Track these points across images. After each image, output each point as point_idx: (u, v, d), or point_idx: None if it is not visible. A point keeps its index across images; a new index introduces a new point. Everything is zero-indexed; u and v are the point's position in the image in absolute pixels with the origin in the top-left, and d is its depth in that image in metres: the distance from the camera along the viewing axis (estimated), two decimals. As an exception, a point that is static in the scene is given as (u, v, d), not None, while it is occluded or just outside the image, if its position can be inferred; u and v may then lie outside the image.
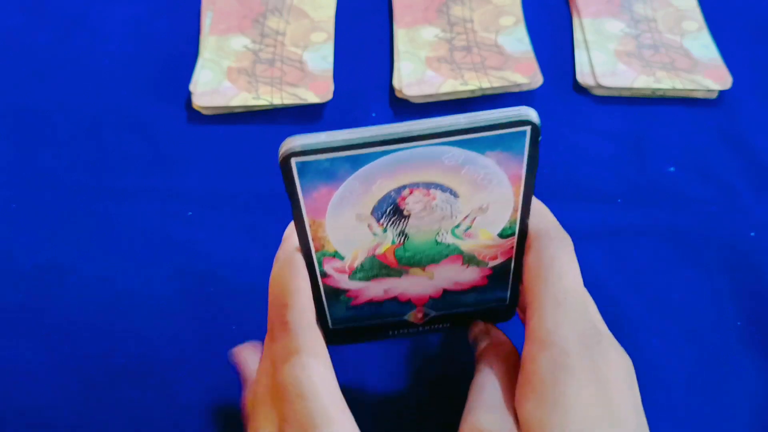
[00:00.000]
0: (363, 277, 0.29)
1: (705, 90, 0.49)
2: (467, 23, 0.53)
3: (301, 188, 0.25)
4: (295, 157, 0.24)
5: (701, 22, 0.53)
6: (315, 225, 0.26)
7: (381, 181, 0.25)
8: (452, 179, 0.26)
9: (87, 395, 0.36)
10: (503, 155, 0.25)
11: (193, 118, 0.48)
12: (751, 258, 0.41)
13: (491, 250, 0.29)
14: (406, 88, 0.48)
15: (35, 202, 0.44)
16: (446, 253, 0.29)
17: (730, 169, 0.46)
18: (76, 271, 0.41)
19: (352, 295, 0.30)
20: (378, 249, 0.28)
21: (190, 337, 0.38)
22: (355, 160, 0.24)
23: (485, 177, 0.26)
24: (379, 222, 0.27)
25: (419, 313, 0.31)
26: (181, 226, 0.43)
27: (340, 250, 0.27)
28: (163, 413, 0.36)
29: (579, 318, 0.26)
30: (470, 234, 0.28)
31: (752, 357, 0.38)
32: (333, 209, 0.26)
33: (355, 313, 0.31)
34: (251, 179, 0.45)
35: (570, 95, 0.50)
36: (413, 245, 0.28)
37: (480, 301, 0.32)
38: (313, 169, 0.24)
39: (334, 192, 0.25)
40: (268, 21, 0.53)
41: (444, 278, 0.30)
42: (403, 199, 0.26)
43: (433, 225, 0.27)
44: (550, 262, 0.27)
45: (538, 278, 0.27)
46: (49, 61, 0.51)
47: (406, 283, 0.30)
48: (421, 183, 0.26)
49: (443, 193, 0.26)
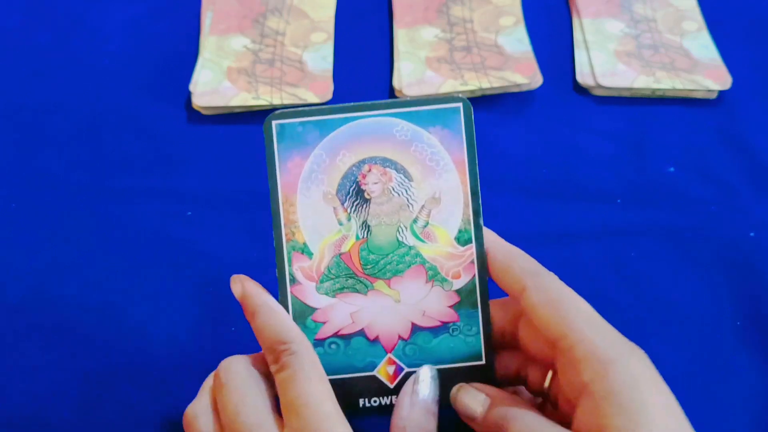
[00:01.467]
0: (330, 289, 0.30)
1: (705, 90, 0.49)
2: (467, 23, 0.53)
3: (278, 155, 0.30)
4: (275, 120, 0.29)
5: (701, 23, 0.53)
6: (287, 204, 0.30)
7: (344, 152, 0.30)
8: (404, 157, 0.30)
9: (87, 395, 0.36)
10: (444, 132, 0.30)
11: (193, 118, 0.48)
12: (751, 258, 0.41)
13: (453, 261, 0.30)
14: (406, 88, 0.48)
15: (35, 202, 0.44)
16: (408, 261, 0.30)
17: (730, 169, 0.46)
18: (76, 271, 0.41)
19: (319, 318, 0.30)
20: (343, 245, 0.30)
21: (190, 337, 0.38)
22: (323, 126, 0.29)
23: (432, 158, 0.30)
24: (344, 206, 0.30)
25: (390, 366, 0.30)
26: (181, 226, 0.43)
27: (309, 241, 0.30)
28: (163, 413, 0.36)
29: (616, 333, 0.27)
30: (429, 234, 0.30)
31: (751, 357, 0.38)
32: (303, 184, 0.30)
33: (323, 356, 0.30)
34: (251, 179, 0.45)
35: (570, 95, 0.50)
36: (376, 244, 0.30)
37: (454, 353, 0.30)
38: (289, 132, 0.29)
39: (304, 164, 0.30)
40: (268, 21, 0.53)
41: (411, 303, 0.30)
42: (363, 177, 0.30)
43: (392, 217, 0.30)
44: (558, 295, 0.28)
45: (559, 311, 0.27)
46: (49, 61, 0.51)
47: (373, 306, 0.30)
48: (377, 158, 0.30)
49: (398, 174, 0.30)
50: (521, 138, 0.47)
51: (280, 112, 0.30)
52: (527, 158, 0.46)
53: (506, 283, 0.29)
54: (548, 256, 0.38)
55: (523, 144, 0.47)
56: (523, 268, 0.29)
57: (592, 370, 0.26)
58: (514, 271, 0.29)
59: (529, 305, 0.28)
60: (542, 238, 0.42)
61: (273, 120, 0.29)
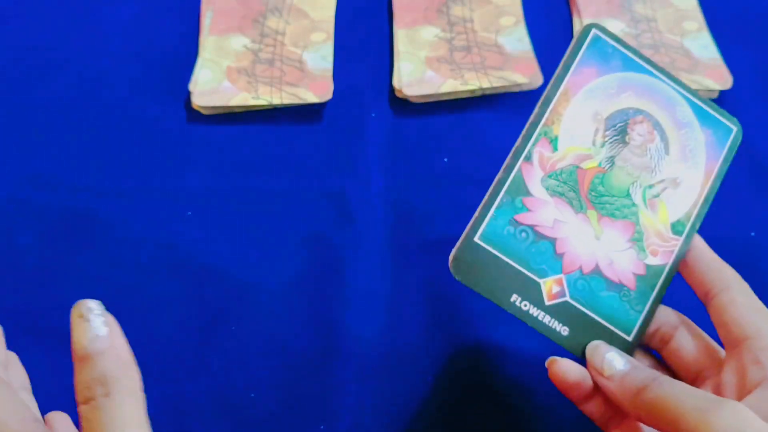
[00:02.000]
0: (552, 187, 0.31)
1: (705, 90, 0.49)
2: (467, 23, 0.53)
3: (581, 56, 0.32)
4: (595, 29, 0.32)
5: (701, 22, 0.53)
6: (564, 97, 0.32)
7: (629, 94, 0.32)
8: (673, 132, 0.32)
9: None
10: (712, 139, 0.33)
11: (193, 117, 0.48)
12: (751, 258, 0.41)
13: (657, 240, 0.32)
14: (406, 88, 0.48)
15: (35, 202, 0.44)
16: (626, 213, 0.32)
17: (731, 168, 0.46)
18: (76, 270, 0.41)
19: (528, 204, 0.31)
20: (585, 162, 0.32)
21: (189, 337, 0.38)
22: (628, 63, 0.32)
23: (692, 150, 0.32)
24: (605, 132, 0.32)
25: (556, 286, 0.31)
26: (180, 226, 0.43)
27: (561, 137, 0.31)
28: (162, 412, 0.36)
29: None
30: (654, 204, 0.32)
31: (752, 357, 0.38)
32: (586, 92, 0.32)
33: (509, 236, 0.31)
34: (251, 179, 0.45)
35: (570, 95, 0.50)
36: (609, 181, 0.32)
37: (612, 313, 0.31)
38: (600, 47, 0.32)
39: (597, 78, 0.32)
40: (268, 21, 0.53)
41: (607, 248, 0.31)
42: (633, 123, 0.32)
43: (636, 170, 0.32)
44: (757, 301, 0.30)
45: (760, 311, 0.29)
46: (49, 61, 0.51)
47: (575, 227, 0.31)
48: (654, 118, 0.32)
49: (661, 142, 0.32)
50: (521, 138, 0.47)
51: (602, 27, 0.32)
52: (527, 158, 0.46)
53: (710, 279, 0.31)
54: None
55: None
56: (732, 272, 0.31)
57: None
58: (725, 271, 0.31)
59: (728, 301, 0.29)
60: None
61: (594, 28, 0.32)
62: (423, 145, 0.47)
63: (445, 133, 0.48)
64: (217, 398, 0.37)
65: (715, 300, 0.30)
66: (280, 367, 0.38)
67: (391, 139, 0.47)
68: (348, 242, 0.42)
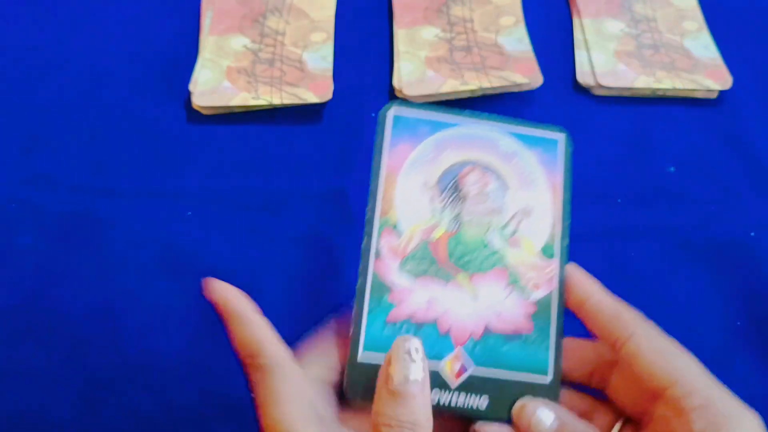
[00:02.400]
0: (413, 270, 0.30)
1: (705, 90, 0.49)
2: (467, 23, 0.53)
3: (389, 138, 0.31)
4: (394, 108, 0.32)
5: (701, 22, 0.53)
6: (389, 181, 0.31)
7: (449, 151, 0.32)
8: (504, 167, 0.32)
9: (86, 395, 0.36)
10: (544, 156, 0.32)
11: (193, 117, 0.48)
12: (751, 258, 0.41)
13: (534, 272, 0.31)
14: (406, 88, 0.48)
15: (35, 202, 0.44)
16: (492, 261, 0.31)
17: (730, 169, 0.46)
18: (76, 271, 0.41)
19: (395, 299, 0.30)
20: (433, 233, 0.31)
21: (189, 337, 0.38)
22: (434, 125, 0.32)
23: (530, 174, 0.32)
24: (441, 197, 0.31)
25: (456, 363, 0.30)
26: (180, 226, 0.43)
27: (401, 221, 0.31)
28: (162, 412, 0.36)
29: (729, 391, 0.27)
30: (516, 241, 0.31)
31: (752, 357, 0.38)
32: (407, 168, 0.31)
33: (391, 337, 0.29)
34: (251, 179, 0.45)
35: (570, 95, 0.50)
36: (464, 239, 0.31)
37: (522, 362, 0.30)
38: (402, 122, 0.32)
39: (412, 151, 0.32)
40: (268, 21, 0.53)
41: (488, 303, 0.30)
42: (463, 176, 0.32)
43: (484, 218, 0.31)
44: (668, 345, 0.28)
45: (671, 360, 0.27)
46: (49, 61, 0.51)
47: (450, 298, 0.30)
48: (480, 162, 0.32)
49: (496, 182, 0.32)
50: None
51: (399, 102, 0.32)
52: (527, 158, 0.46)
53: (608, 330, 0.29)
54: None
55: (523, 144, 0.47)
56: (631, 316, 0.29)
57: (707, 422, 0.25)
58: (624, 318, 0.29)
59: (634, 352, 0.28)
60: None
61: (393, 106, 0.32)
62: (423, 145, 0.47)
63: (445, 133, 0.48)
64: (217, 398, 0.37)
65: (623, 352, 0.28)
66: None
67: (391, 139, 0.47)
68: (348, 242, 0.42)
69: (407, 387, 0.26)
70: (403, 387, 0.26)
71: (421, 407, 0.26)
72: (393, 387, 0.26)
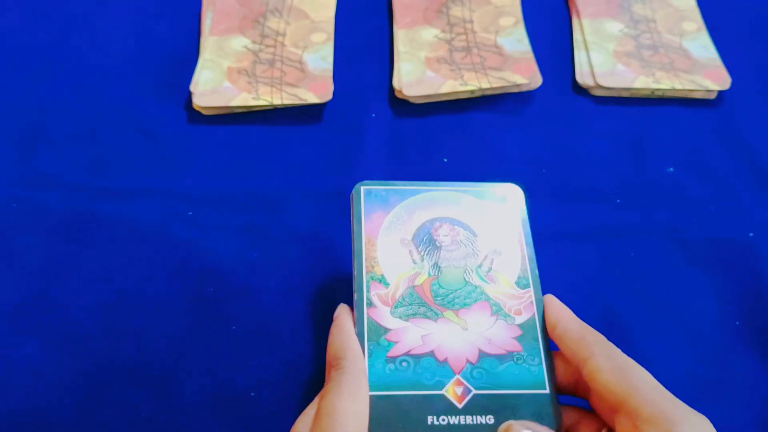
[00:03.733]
0: (403, 314, 0.33)
1: (704, 90, 0.49)
2: (467, 24, 0.53)
3: (364, 209, 0.36)
4: (364, 186, 0.36)
5: (700, 23, 0.53)
6: (369, 244, 0.35)
7: (419, 212, 0.36)
8: (469, 218, 0.36)
9: (87, 395, 0.36)
10: (502, 207, 0.37)
11: (194, 118, 0.48)
12: (750, 258, 0.41)
13: (514, 301, 0.34)
14: (406, 89, 0.48)
15: (35, 202, 0.44)
16: (475, 296, 0.34)
17: (729, 169, 0.46)
18: (77, 270, 0.41)
19: (392, 338, 0.32)
20: (417, 279, 0.34)
21: (190, 337, 0.38)
22: (402, 193, 0.37)
23: (494, 222, 0.36)
24: (418, 249, 0.35)
25: (458, 387, 0.32)
26: (181, 226, 0.43)
27: (386, 274, 0.34)
28: (163, 413, 0.36)
29: (678, 400, 0.29)
30: (492, 277, 0.34)
31: (751, 356, 0.38)
32: (384, 231, 0.35)
33: (394, 372, 0.31)
34: (251, 179, 0.45)
35: (569, 95, 0.50)
36: (446, 281, 0.34)
37: (519, 380, 0.32)
38: (374, 195, 0.36)
39: (386, 216, 0.36)
40: (268, 21, 0.53)
41: (477, 332, 0.33)
42: (435, 230, 0.35)
43: (460, 261, 0.35)
44: (624, 363, 0.30)
45: (626, 377, 0.29)
46: (49, 61, 0.51)
47: (442, 331, 0.33)
48: (447, 219, 0.36)
49: (465, 231, 0.36)
50: (521, 138, 0.48)
51: (368, 181, 0.37)
52: (527, 158, 0.47)
53: (573, 351, 0.31)
54: (548, 256, 0.39)
55: (523, 144, 0.47)
56: (593, 338, 0.31)
57: (660, 429, 0.27)
58: (586, 340, 0.31)
59: (593, 369, 0.30)
60: (542, 238, 0.42)
61: (362, 186, 0.36)
62: (423, 145, 0.47)
63: (445, 134, 0.48)
64: (217, 398, 0.37)
65: (584, 371, 0.30)
66: (280, 367, 0.38)
67: (391, 138, 0.47)
68: (348, 242, 0.42)
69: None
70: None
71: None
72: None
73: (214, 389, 0.37)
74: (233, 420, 0.36)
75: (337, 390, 0.29)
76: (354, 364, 0.31)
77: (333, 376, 0.30)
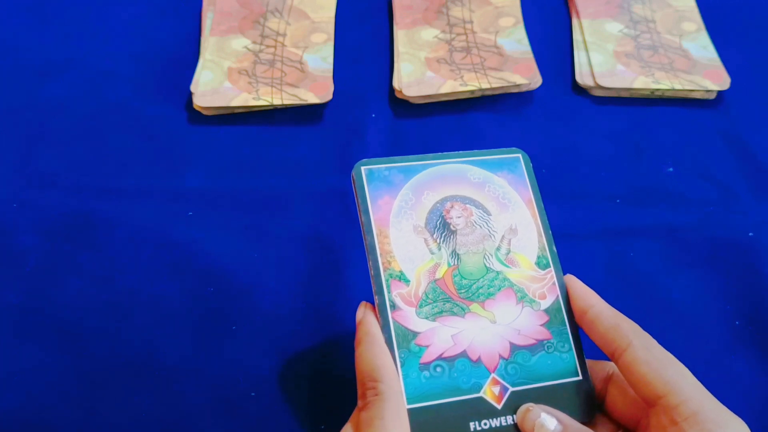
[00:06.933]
0: (430, 313, 0.32)
1: (704, 90, 0.49)
2: (467, 24, 0.53)
3: (369, 195, 0.33)
4: (364, 166, 0.34)
5: (700, 23, 0.53)
6: (382, 236, 0.32)
7: (427, 192, 0.34)
8: (480, 195, 0.34)
9: (87, 395, 0.36)
10: (510, 176, 0.35)
11: (194, 118, 0.48)
12: (750, 258, 0.41)
13: (537, 284, 0.33)
14: (406, 89, 0.48)
15: (35, 202, 0.44)
16: (498, 284, 0.33)
17: (729, 169, 0.46)
18: (77, 271, 0.41)
19: (422, 342, 0.31)
20: (437, 272, 0.32)
21: (190, 337, 0.39)
22: (406, 171, 0.34)
23: (504, 196, 0.34)
24: (433, 237, 0.33)
25: (495, 387, 0.31)
26: (181, 226, 0.43)
27: (405, 269, 0.32)
28: (163, 412, 0.36)
29: (718, 401, 0.28)
30: (512, 260, 0.33)
31: (751, 356, 0.38)
32: (394, 219, 0.33)
33: (429, 380, 0.30)
34: (251, 179, 0.45)
35: (569, 96, 0.50)
36: (467, 270, 0.33)
37: (552, 370, 0.31)
38: (377, 176, 0.34)
39: (393, 201, 0.33)
40: (269, 22, 0.53)
41: (506, 323, 0.32)
42: (447, 212, 0.33)
43: (478, 246, 0.33)
44: (663, 355, 0.29)
45: (666, 369, 0.28)
46: (50, 62, 0.51)
47: (472, 328, 0.32)
48: (458, 197, 0.34)
49: (477, 210, 0.34)
50: (521, 138, 0.48)
51: (367, 160, 0.34)
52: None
53: (610, 340, 0.30)
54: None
55: (523, 144, 0.47)
56: (629, 327, 0.30)
57: (699, 429, 0.27)
58: (622, 328, 0.30)
59: (631, 361, 0.29)
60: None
61: (362, 166, 0.34)
62: (423, 145, 0.47)
63: (445, 133, 0.48)
64: (217, 398, 0.37)
65: (621, 361, 0.29)
66: (280, 367, 0.38)
67: (391, 139, 0.47)
68: (348, 242, 0.42)
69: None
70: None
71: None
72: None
73: (214, 389, 0.37)
74: (233, 420, 0.36)
75: (380, 423, 0.28)
76: (391, 387, 0.29)
77: (371, 402, 0.29)
